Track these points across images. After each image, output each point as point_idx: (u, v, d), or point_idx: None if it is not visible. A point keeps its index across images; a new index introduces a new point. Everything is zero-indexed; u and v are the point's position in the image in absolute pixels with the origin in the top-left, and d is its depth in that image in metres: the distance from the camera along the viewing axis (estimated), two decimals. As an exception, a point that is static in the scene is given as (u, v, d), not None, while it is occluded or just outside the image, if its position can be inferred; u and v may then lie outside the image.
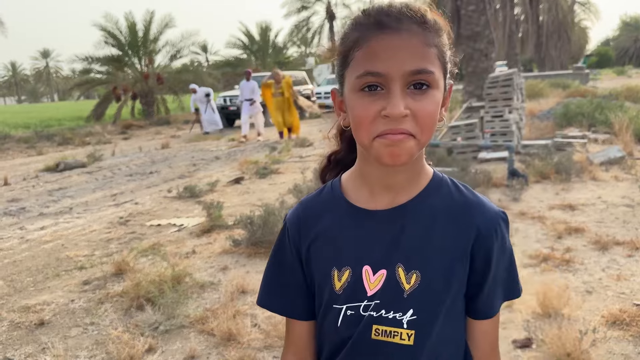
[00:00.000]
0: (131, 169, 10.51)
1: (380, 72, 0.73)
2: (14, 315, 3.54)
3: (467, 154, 7.97)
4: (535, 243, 4.31)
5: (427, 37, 0.75)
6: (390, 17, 0.74)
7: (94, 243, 5.14)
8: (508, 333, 2.92)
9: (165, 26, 24.19)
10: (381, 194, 0.84)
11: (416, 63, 0.73)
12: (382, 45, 0.73)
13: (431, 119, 0.75)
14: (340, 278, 0.84)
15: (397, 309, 0.81)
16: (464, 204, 0.85)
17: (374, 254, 0.83)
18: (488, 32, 9.76)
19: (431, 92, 0.75)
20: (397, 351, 0.81)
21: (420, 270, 0.81)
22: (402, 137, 0.73)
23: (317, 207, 0.90)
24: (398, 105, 0.72)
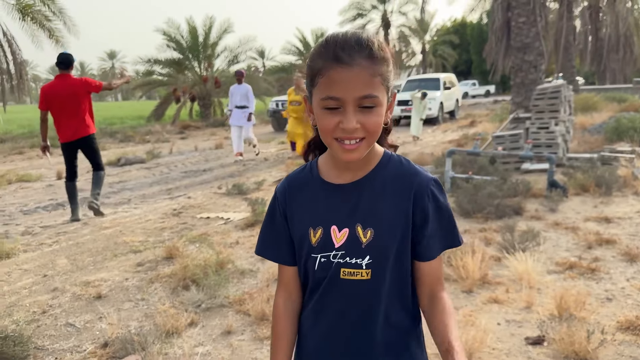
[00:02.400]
0: (186, 166, 11.09)
1: (338, 97, 1.00)
2: (76, 288, 3.99)
3: (510, 164, 8.01)
4: (564, 252, 4.41)
5: (374, 69, 1.00)
6: (345, 52, 0.99)
7: (148, 230, 5.60)
8: (522, 331, 3.09)
9: (224, 31, 25.05)
10: (345, 173, 1.13)
11: (364, 90, 0.99)
12: (339, 76, 0.99)
13: (376, 127, 1.03)
14: (315, 235, 1.13)
15: (358, 256, 1.10)
16: (404, 174, 1.12)
17: (339, 216, 1.12)
18: (538, 44, 9.71)
19: (376, 109, 1.02)
20: (359, 284, 1.11)
21: (374, 227, 1.10)
22: (356, 145, 1.02)
23: (299, 181, 1.20)
24: (351, 122, 1.00)
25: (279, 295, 1.25)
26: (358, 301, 1.12)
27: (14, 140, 18.05)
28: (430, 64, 46.76)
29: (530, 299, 3.43)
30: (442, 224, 1.13)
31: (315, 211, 1.14)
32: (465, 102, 33.07)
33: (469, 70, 50.76)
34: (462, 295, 3.61)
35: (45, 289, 4.02)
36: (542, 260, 4.17)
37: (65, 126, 6.10)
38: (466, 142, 11.73)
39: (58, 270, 4.45)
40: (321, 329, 1.18)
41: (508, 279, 3.84)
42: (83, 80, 6.20)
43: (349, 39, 1.01)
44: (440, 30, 49.34)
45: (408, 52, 45.52)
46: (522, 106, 9.80)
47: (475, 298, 3.56)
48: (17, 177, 9.76)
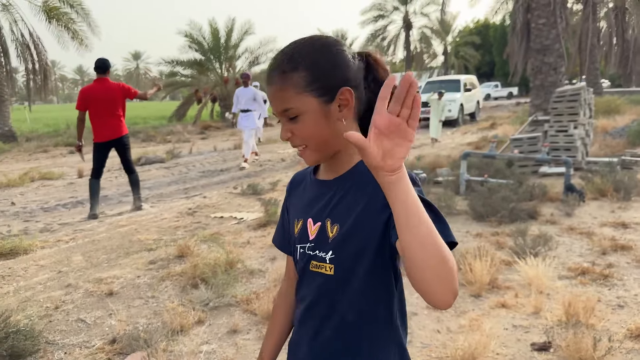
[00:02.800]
0: (204, 166, 11.21)
1: (274, 112, 1.12)
2: (89, 285, 4.07)
3: (527, 167, 7.91)
4: (577, 257, 4.35)
5: (283, 82, 1.06)
6: (269, 72, 1.10)
7: (163, 229, 5.68)
8: (529, 336, 3.06)
9: (245, 33, 25.25)
10: (330, 170, 1.18)
11: (279, 106, 1.08)
12: (270, 94, 1.10)
13: (307, 134, 1.08)
14: (297, 225, 1.20)
15: (323, 249, 1.12)
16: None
17: (315, 210, 1.16)
18: (558, 46, 9.57)
19: (300, 119, 1.07)
20: (323, 278, 1.13)
21: (339, 223, 1.11)
22: (302, 151, 1.11)
23: (299, 178, 1.30)
24: (283, 132, 1.11)
25: (284, 281, 1.34)
26: (321, 295, 1.14)
27: (39, 138, 18.45)
28: (452, 65, 46.41)
29: (538, 305, 3.39)
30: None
31: (301, 204, 1.22)
32: (487, 104, 32.75)
33: (492, 72, 50.23)
34: (469, 300, 3.59)
35: (59, 284, 4.12)
36: (554, 265, 4.11)
37: (102, 126, 6.38)
38: (485, 144, 11.62)
39: (73, 266, 4.54)
40: (298, 318, 1.23)
41: (518, 283, 3.81)
42: (120, 85, 6.51)
43: (274, 58, 1.10)
44: (462, 31, 48.94)
45: (429, 53, 45.25)
46: (541, 109, 9.66)
47: (483, 302, 3.54)
48: (39, 175, 9.99)
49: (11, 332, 2.98)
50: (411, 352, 2.89)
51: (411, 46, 40.43)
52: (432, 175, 7.88)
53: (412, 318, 3.32)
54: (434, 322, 3.27)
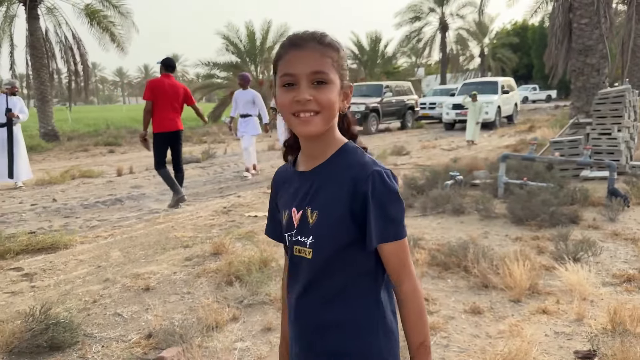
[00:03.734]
0: (238, 166, 11.31)
1: (293, 73, 1.13)
2: (126, 280, 4.14)
3: (569, 171, 7.68)
4: (622, 263, 4.18)
5: (324, 51, 1.14)
6: (300, 39, 1.15)
7: (198, 227, 5.74)
8: (572, 344, 2.95)
9: (280, 35, 25.41)
10: (309, 161, 1.24)
11: (315, 66, 1.12)
12: (293, 56, 1.14)
13: (329, 102, 1.14)
14: (284, 216, 1.27)
15: (305, 235, 1.21)
16: (353, 164, 1.19)
17: (297, 200, 1.24)
18: (601, 47, 9.27)
19: (327, 86, 1.14)
20: (304, 262, 1.21)
21: (318, 210, 1.19)
22: (310, 117, 1.13)
23: (282, 172, 1.37)
24: (304, 93, 1.12)
25: (285, 272, 1.37)
26: (301, 277, 1.23)
27: (80, 138, 18.97)
28: (489, 67, 45.63)
29: (581, 311, 3.27)
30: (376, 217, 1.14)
31: (286, 196, 1.29)
32: (525, 107, 32.08)
33: (530, 75, 49.20)
34: (509, 305, 3.49)
35: (97, 279, 4.19)
36: (597, 272, 3.98)
37: (165, 118, 6.70)
38: (523, 147, 11.36)
39: (111, 262, 4.63)
40: (288, 302, 1.30)
41: (559, 289, 3.68)
42: (184, 87, 7.08)
43: (305, 31, 1.18)
44: (500, 33, 48.08)
45: (466, 55, 44.62)
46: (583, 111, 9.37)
47: (523, 308, 3.44)
48: (80, 173, 10.25)
49: (51, 323, 3.04)
50: (448, 357, 2.83)
51: (447, 48, 39.90)
52: (468, 177, 7.74)
53: (449, 322, 3.24)
54: (471, 327, 3.18)
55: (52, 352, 2.97)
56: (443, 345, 2.95)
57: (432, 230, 5.35)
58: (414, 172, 8.76)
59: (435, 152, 12.57)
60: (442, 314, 3.37)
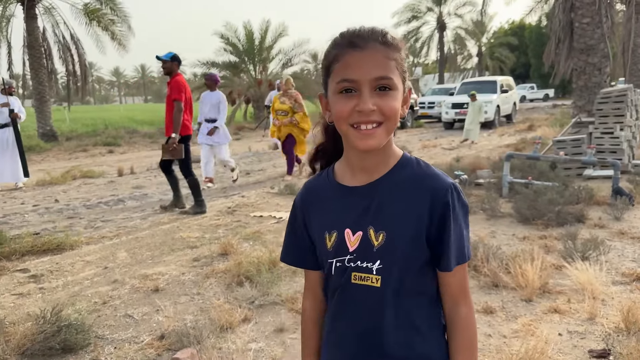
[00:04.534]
0: (240, 166, 11.27)
1: (353, 79, 0.99)
2: (135, 281, 4.12)
3: (572, 170, 7.69)
4: (630, 262, 4.19)
5: (388, 52, 1.01)
6: (359, 38, 1.01)
7: (204, 227, 5.72)
8: (586, 343, 2.95)
9: (279, 35, 25.38)
10: (360, 174, 1.10)
11: (379, 71, 0.99)
12: (353, 59, 1.00)
13: (393, 111, 1.01)
14: (330, 239, 1.10)
15: (369, 260, 1.06)
16: (422, 176, 1.08)
17: (352, 219, 1.08)
18: (603, 46, 9.28)
19: (392, 93, 1.01)
20: (369, 291, 1.06)
21: (386, 230, 1.05)
22: (372, 130, 1.00)
23: (316, 187, 1.18)
24: (367, 103, 0.99)
25: (306, 298, 1.24)
26: (366, 310, 1.08)
27: (79, 138, 18.90)
28: (486, 67, 45.70)
29: (593, 310, 3.27)
30: (455, 236, 1.06)
31: (330, 215, 1.12)
32: (523, 106, 32.13)
33: (527, 74, 49.30)
34: (521, 304, 3.49)
35: (105, 280, 4.17)
36: (607, 270, 3.97)
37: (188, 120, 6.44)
38: (524, 146, 11.38)
39: (118, 262, 4.61)
40: (333, 337, 1.15)
41: (570, 288, 3.68)
42: None
43: (363, 28, 1.03)
44: (497, 32, 48.16)
45: (464, 54, 44.66)
46: (585, 110, 9.39)
47: (535, 307, 3.43)
48: (81, 173, 10.21)
49: (63, 325, 3.02)
50: (463, 356, 2.82)
51: (445, 47, 39.95)
52: (472, 177, 7.74)
53: (461, 321, 3.24)
54: (485, 326, 3.18)
55: (65, 354, 2.95)
56: (457, 345, 2.94)
57: (438, 230, 5.34)
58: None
59: (436, 152, 12.57)
60: (454, 313, 3.36)
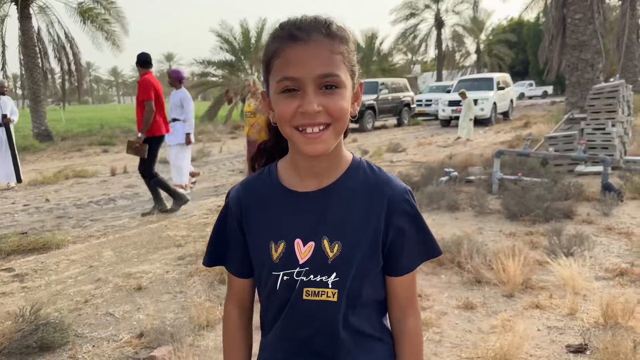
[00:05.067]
0: (234, 165, 11.29)
1: (295, 77, 0.89)
2: (118, 279, 4.11)
3: (563, 166, 7.68)
4: (615, 257, 4.18)
5: (333, 46, 0.91)
6: (301, 30, 0.90)
7: (192, 226, 5.72)
8: (564, 338, 2.94)
9: (274, 33, 25.30)
10: (309, 179, 1.00)
11: (324, 68, 0.89)
12: (294, 54, 0.89)
13: (341, 112, 0.92)
14: (277, 249, 1.00)
15: (323, 273, 0.98)
16: (376, 182, 1.02)
17: (303, 229, 0.99)
18: (595, 42, 9.27)
19: (339, 91, 0.91)
20: (324, 307, 0.98)
21: (342, 240, 0.98)
22: (319, 133, 0.91)
23: (256, 189, 1.06)
24: (312, 103, 0.89)
25: (232, 304, 1.14)
26: (322, 327, 1.00)
27: (74, 138, 18.89)
28: (485, 64, 45.65)
29: (574, 306, 3.27)
30: (420, 236, 1.03)
31: (277, 223, 1.02)
32: (521, 103, 32.12)
33: (526, 71, 49.23)
34: (502, 300, 3.48)
35: (89, 279, 4.17)
36: (591, 266, 3.97)
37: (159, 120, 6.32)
38: (519, 143, 11.36)
39: (103, 261, 4.60)
40: (280, 357, 1.05)
41: (552, 284, 3.68)
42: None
43: (305, 18, 0.94)
44: (496, 29, 48.09)
45: (462, 52, 44.61)
46: (578, 106, 9.39)
47: (516, 303, 3.43)
48: (73, 173, 10.20)
49: (41, 324, 3.02)
50: (440, 352, 2.82)
51: (443, 45, 39.90)
52: (463, 173, 7.73)
53: (441, 317, 3.23)
54: (464, 322, 3.17)
55: (42, 353, 2.95)
56: (435, 341, 2.94)
57: (426, 227, 5.33)
58: (409, 169, 8.75)
59: (431, 149, 12.56)
60: (435, 309, 3.36)
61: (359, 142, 14.49)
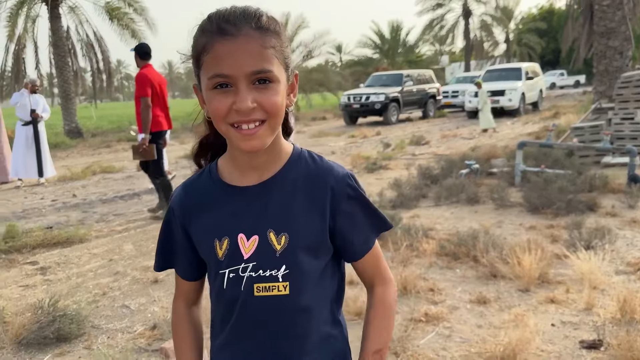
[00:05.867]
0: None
1: (226, 74, 0.87)
2: (136, 272, 4.20)
3: (589, 157, 7.48)
4: (638, 251, 4.06)
5: (264, 40, 0.89)
6: (230, 24, 0.87)
7: (210, 220, 5.77)
8: (578, 333, 2.88)
9: (298, 27, 25.37)
10: (250, 173, 0.99)
11: (256, 64, 0.87)
12: (225, 50, 0.87)
13: (276, 107, 0.90)
14: (221, 247, 0.98)
15: (272, 266, 0.96)
16: (318, 171, 1.01)
17: (246, 223, 0.98)
18: (624, 29, 8.97)
19: (272, 86, 0.89)
20: (276, 301, 0.97)
21: (288, 232, 0.96)
22: (255, 129, 0.90)
23: (198, 189, 1.05)
24: (245, 101, 0.87)
25: (180, 302, 1.14)
26: (278, 323, 0.99)
27: (104, 134, 19.30)
28: (514, 53, 44.75)
29: (591, 301, 3.19)
30: (368, 217, 1.04)
31: (219, 220, 1.00)
32: (552, 93, 31.42)
33: (557, 60, 48.02)
34: (516, 295, 3.42)
35: (109, 272, 4.27)
36: (611, 260, 3.87)
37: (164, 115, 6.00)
38: (546, 134, 11.12)
39: (123, 255, 4.70)
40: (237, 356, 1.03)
41: (570, 278, 3.60)
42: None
43: (234, 10, 0.90)
44: (525, 18, 47.03)
45: (491, 41, 43.79)
46: (606, 95, 9.11)
47: (531, 297, 3.37)
48: (101, 169, 10.43)
49: (58, 315, 3.11)
50: (449, 347, 2.79)
51: (471, 35, 39.22)
52: (486, 166, 7.61)
53: (453, 312, 3.20)
54: (476, 317, 3.13)
55: (59, 343, 3.03)
56: (445, 336, 2.92)
57: (444, 220, 5.28)
58: (430, 161, 8.66)
59: (455, 141, 12.40)
60: (447, 304, 3.32)
61: (382, 135, 14.39)
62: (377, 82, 19.84)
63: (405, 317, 3.14)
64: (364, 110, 18.39)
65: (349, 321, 2.76)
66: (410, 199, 5.99)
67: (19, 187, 9.00)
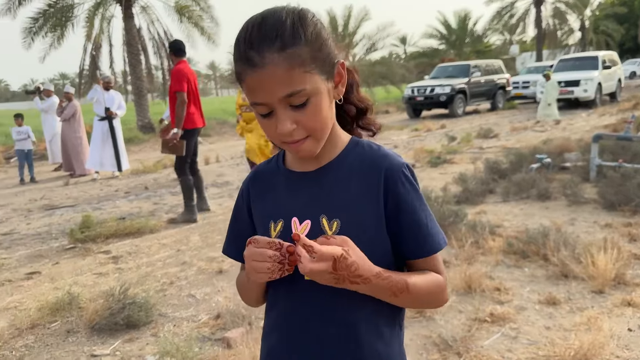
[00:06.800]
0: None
1: (262, 102, 0.91)
2: (202, 263, 4.32)
3: (675, 151, 6.95)
4: None
5: (291, 60, 0.88)
6: (254, 51, 0.88)
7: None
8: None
9: (361, 20, 25.22)
10: (309, 160, 1.02)
11: (285, 89, 0.88)
12: (254, 82, 0.90)
13: (316, 122, 0.93)
14: (275, 228, 1.01)
15: None
16: (373, 157, 1.02)
17: (300, 207, 1.01)
18: None
19: (311, 103, 0.91)
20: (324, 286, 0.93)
21: (340, 217, 0.97)
22: (302, 142, 0.94)
23: (265, 174, 1.11)
24: (285, 124, 0.91)
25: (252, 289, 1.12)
26: (322, 307, 0.99)
27: (174, 129, 19.97)
28: (590, 41, 42.38)
29: (674, 305, 2.97)
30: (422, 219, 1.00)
31: (277, 203, 1.04)
32: (632, 83, 29.51)
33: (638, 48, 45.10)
34: (589, 296, 3.24)
35: (176, 262, 4.42)
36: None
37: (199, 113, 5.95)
38: (624, 127, 10.45)
39: (190, 245, 4.85)
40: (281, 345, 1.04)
41: (650, 280, 3.36)
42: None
43: (258, 30, 0.89)
44: (603, 3, 44.39)
45: (564, 29, 41.66)
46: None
47: (605, 300, 3.18)
48: (171, 163, 10.78)
49: (128, 303, 3.25)
50: (515, 348, 2.68)
51: (543, 23, 37.47)
52: (558, 160, 7.26)
53: (520, 313, 3.07)
54: (544, 319, 2.99)
55: (128, 330, 3.17)
56: (511, 337, 2.80)
57: (513, 217, 5.08)
58: (499, 155, 8.37)
59: (525, 134, 11.91)
60: (514, 304, 3.19)
61: (447, 128, 14.06)
62: (443, 74, 19.38)
63: (469, 316, 3.05)
64: (428, 102, 18.01)
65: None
66: (476, 194, 5.80)
67: (95, 179, 9.51)
